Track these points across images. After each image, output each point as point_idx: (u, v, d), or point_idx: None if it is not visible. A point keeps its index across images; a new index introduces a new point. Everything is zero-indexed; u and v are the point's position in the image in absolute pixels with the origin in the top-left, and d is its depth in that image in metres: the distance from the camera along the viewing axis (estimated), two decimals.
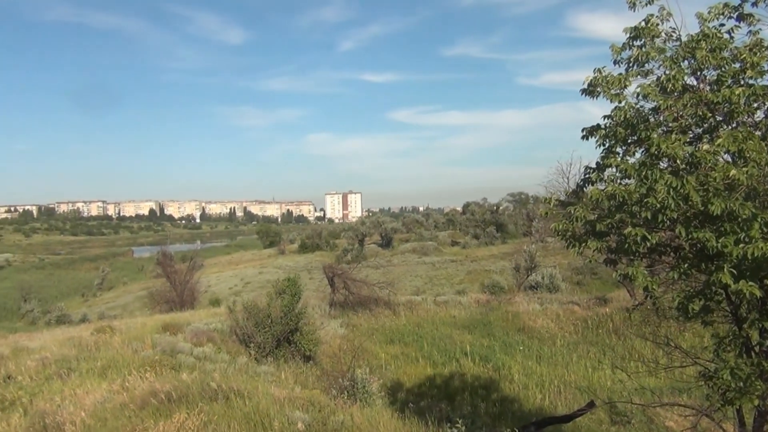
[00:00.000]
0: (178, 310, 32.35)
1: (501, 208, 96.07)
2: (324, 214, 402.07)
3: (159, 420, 7.48)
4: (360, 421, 8.45)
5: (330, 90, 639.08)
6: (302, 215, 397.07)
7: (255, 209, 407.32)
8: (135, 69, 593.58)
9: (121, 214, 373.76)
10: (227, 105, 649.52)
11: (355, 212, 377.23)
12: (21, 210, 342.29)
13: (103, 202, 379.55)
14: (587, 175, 6.86)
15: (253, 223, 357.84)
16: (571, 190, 8.10)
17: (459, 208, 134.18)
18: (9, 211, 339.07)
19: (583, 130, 6.98)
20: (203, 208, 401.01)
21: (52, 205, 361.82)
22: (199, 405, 7.88)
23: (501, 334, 22.74)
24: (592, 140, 6.81)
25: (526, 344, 21.42)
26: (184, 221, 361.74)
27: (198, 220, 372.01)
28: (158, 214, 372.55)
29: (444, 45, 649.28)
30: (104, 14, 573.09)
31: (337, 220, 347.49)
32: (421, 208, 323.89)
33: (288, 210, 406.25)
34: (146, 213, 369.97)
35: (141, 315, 37.32)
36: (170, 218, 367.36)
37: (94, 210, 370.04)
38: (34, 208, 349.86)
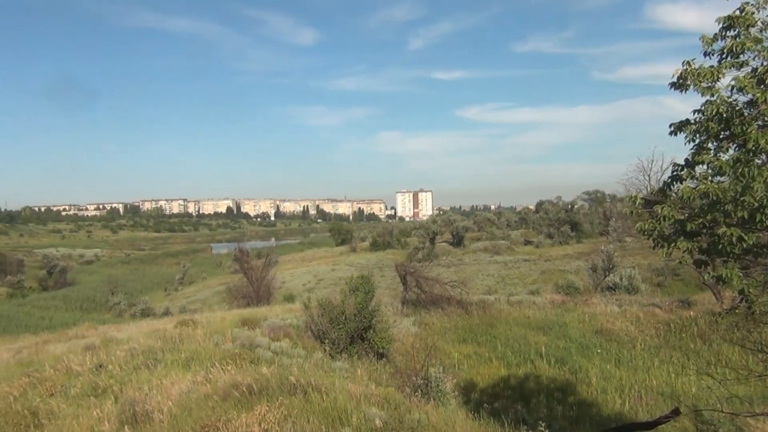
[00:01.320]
0: (255, 305, 33.08)
1: (576, 206, 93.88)
2: (395, 213, 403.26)
3: (241, 411, 7.66)
4: (436, 420, 8.42)
5: (400, 88, 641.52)
6: (373, 213, 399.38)
7: (327, 207, 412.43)
8: (212, 72, 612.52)
9: (201, 211, 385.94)
10: (299, 105, 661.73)
11: (426, 210, 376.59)
12: (109, 208, 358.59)
13: (184, 200, 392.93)
14: (675, 173, 6.57)
15: (319, 220, 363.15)
16: (652, 188, 7.80)
17: (532, 207, 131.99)
18: (98, 208, 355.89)
19: (671, 126, 6.69)
20: (278, 206, 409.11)
21: (137, 203, 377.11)
22: (279, 398, 8.03)
23: (577, 335, 22.19)
24: (680, 136, 6.53)
25: (604, 347, 20.82)
26: (259, 219, 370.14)
27: (273, 218, 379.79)
28: (235, 211, 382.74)
29: (515, 41, 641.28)
30: (184, 20, 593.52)
31: (407, 219, 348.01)
32: (492, 207, 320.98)
33: (359, 208, 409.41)
34: (224, 211, 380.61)
35: (219, 309, 38.38)
36: (246, 216, 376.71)
37: (176, 208, 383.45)
38: (120, 206, 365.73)
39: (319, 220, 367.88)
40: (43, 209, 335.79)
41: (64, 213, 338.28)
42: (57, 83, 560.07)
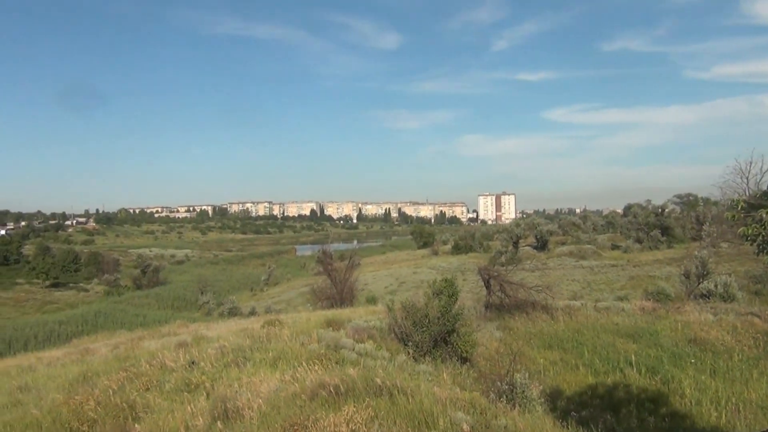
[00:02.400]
0: (338, 307, 33.49)
1: (667, 210, 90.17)
2: (477, 216, 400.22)
3: (329, 411, 7.76)
4: (523, 426, 8.27)
5: (483, 91, 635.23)
6: (455, 216, 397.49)
7: (409, 210, 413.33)
8: (296, 77, 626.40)
9: (285, 214, 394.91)
10: (381, 109, 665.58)
11: (509, 214, 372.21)
12: (198, 210, 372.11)
13: (269, 202, 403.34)
14: None
15: (399, 222, 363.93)
16: (752, 191, 7.37)
17: (619, 210, 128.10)
18: (188, 210, 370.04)
19: None
20: (360, 209, 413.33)
21: (225, 206, 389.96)
22: (366, 400, 8.09)
23: (669, 344, 21.28)
24: None
25: (698, 357, 19.89)
26: (342, 221, 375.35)
27: (355, 221, 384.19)
28: (318, 214, 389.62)
29: (602, 40, 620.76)
30: (268, 26, 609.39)
31: (490, 222, 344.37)
32: (577, 210, 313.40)
33: (441, 211, 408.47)
34: (307, 213, 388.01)
35: (304, 310, 39.13)
36: (329, 218, 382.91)
37: (261, 210, 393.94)
38: (209, 208, 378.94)
39: (400, 223, 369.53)
40: (137, 211, 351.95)
41: (156, 215, 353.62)
42: (150, 90, 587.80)
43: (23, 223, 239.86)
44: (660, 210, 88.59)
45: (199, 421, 8.16)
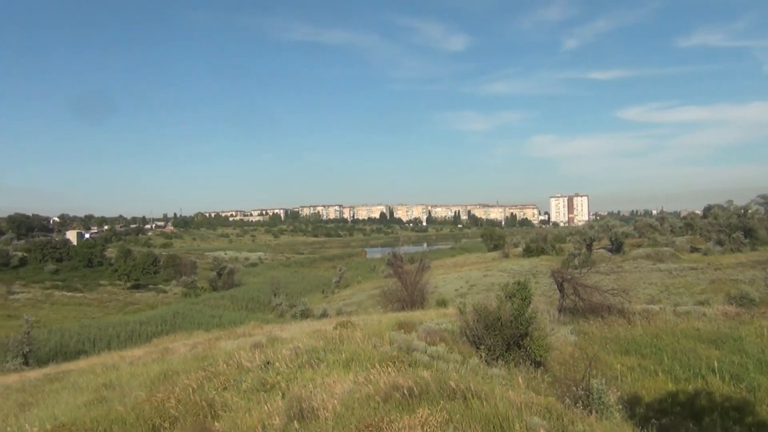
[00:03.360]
0: (409, 309, 33.50)
1: (750, 211, 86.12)
2: (548, 218, 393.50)
3: (402, 414, 7.76)
4: None
5: (553, 91, 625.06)
6: (526, 218, 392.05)
7: (478, 212, 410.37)
8: (365, 81, 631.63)
9: (355, 217, 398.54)
10: (450, 111, 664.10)
11: (582, 215, 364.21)
12: (271, 213, 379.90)
13: (340, 206, 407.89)
14: None
15: (467, 225, 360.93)
16: None
17: (698, 212, 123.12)
18: (261, 214, 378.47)
19: None
20: (429, 212, 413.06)
21: (297, 209, 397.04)
22: (441, 403, 8.05)
23: (755, 351, 20.31)
24: None
25: None
26: (411, 224, 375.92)
27: (424, 223, 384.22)
28: (388, 217, 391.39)
29: (678, 36, 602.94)
30: (338, 32, 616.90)
31: (562, 224, 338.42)
32: (654, 212, 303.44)
33: (511, 213, 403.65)
34: (377, 216, 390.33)
35: (374, 312, 39.31)
36: (399, 221, 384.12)
37: (332, 213, 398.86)
38: (281, 211, 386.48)
39: (470, 226, 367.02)
40: (212, 215, 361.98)
41: (231, 218, 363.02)
42: (225, 97, 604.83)
43: (106, 227, 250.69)
44: (743, 211, 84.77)
45: (275, 420, 8.30)
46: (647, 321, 24.15)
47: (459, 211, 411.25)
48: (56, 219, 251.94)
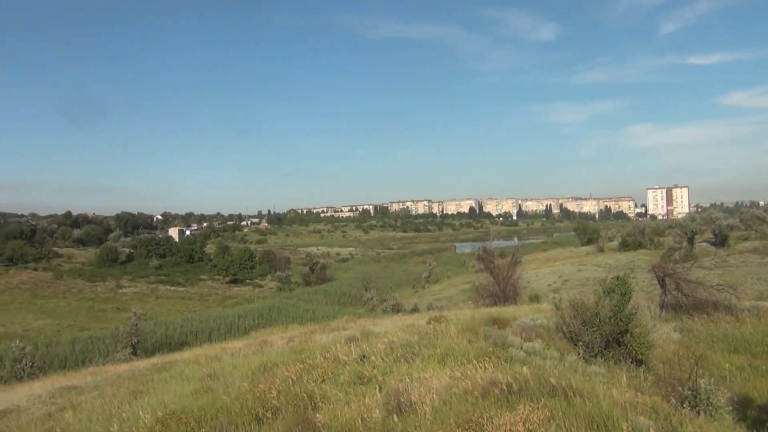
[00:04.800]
0: (501, 305, 33.10)
1: None
2: (645, 210, 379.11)
3: (501, 410, 7.68)
4: None
5: (650, 78, 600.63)
6: (621, 211, 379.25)
7: (571, 206, 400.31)
8: (451, 75, 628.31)
9: (444, 212, 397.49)
10: (540, 102, 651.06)
11: (682, 207, 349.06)
12: (361, 209, 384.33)
13: (429, 201, 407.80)
14: None
15: (550, 218, 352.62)
16: None
17: None
18: (351, 210, 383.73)
19: None
20: (519, 206, 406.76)
21: (386, 205, 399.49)
22: (542, 400, 7.91)
23: None
24: None
25: None
26: (501, 218, 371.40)
27: (514, 217, 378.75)
28: (477, 211, 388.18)
29: None
30: (425, 27, 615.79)
31: (660, 217, 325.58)
32: (761, 203, 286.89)
33: (605, 206, 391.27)
34: (466, 211, 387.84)
35: (465, 307, 39.06)
36: (488, 215, 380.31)
37: (421, 208, 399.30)
38: (371, 207, 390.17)
39: (562, 219, 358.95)
40: (304, 211, 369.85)
41: (322, 215, 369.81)
42: (316, 96, 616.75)
43: (205, 224, 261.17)
44: None
45: (375, 413, 8.39)
46: (757, 318, 22.83)
47: (550, 204, 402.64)
48: (159, 217, 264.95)
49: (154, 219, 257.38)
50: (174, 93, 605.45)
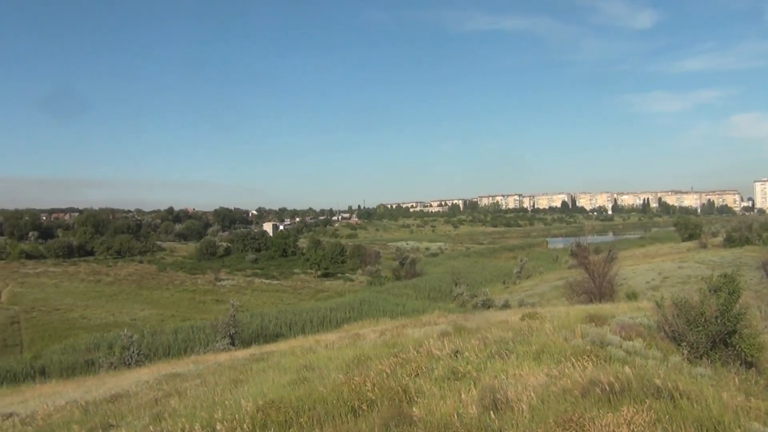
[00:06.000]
0: (597, 302, 32.18)
1: None
2: (752, 204, 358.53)
3: (603, 410, 7.45)
4: None
5: (758, 63, 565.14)
6: (725, 205, 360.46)
7: (670, 200, 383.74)
8: (540, 66, 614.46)
9: (535, 206, 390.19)
10: (636, 92, 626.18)
11: None
12: (450, 204, 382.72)
13: (519, 195, 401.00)
14: None
15: (648, 212, 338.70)
16: None
17: None
18: (440, 205, 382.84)
19: None
20: (615, 200, 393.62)
21: (475, 199, 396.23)
22: (646, 401, 7.61)
23: None
24: None
25: None
26: (595, 213, 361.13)
27: (609, 212, 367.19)
28: (570, 206, 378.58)
29: None
30: (514, 18, 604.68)
31: None
32: None
33: (708, 200, 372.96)
34: (558, 205, 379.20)
35: (558, 304, 38.22)
36: (581, 210, 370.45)
37: (511, 203, 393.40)
38: (460, 201, 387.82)
39: (661, 214, 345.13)
40: (394, 206, 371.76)
41: (411, 209, 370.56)
42: (404, 92, 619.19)
43: (297, 219, 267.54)
44: None
45: (470, 409, 8.31)
46: None
47: (648, 198, 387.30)
48: (254, 212, 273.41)
49: (250, 214, 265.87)
50: (268, 95, 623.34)
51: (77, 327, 59.51)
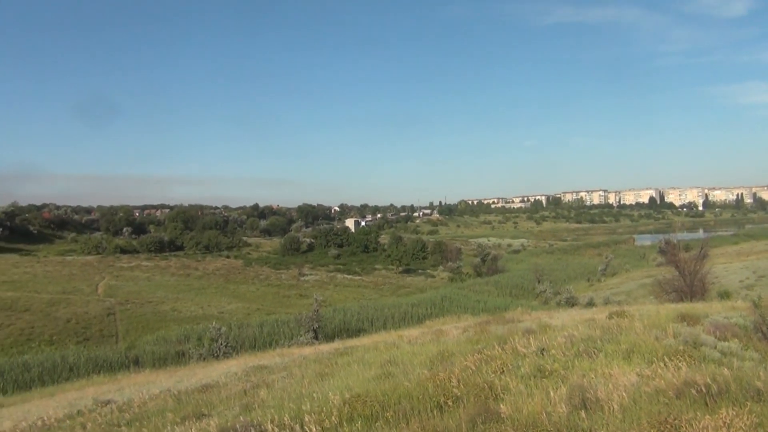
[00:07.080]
0: (687, 300, 31.02)
1: None
2: None
3: (700, 413, 7.22)
4: None
5: None
6: None
7: (766, 195, 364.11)
8: (625, 59, 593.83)
9: (621, 202, 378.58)
10: (728, 83, 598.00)
11: None
12: (532, 200, 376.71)
13: (604, 191, 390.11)
14: None
15: (741, 208, 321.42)
16: None
17: None
18: (522, 201, 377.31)
19: None
20: (706, 195, 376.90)
21: (559, 195, 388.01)
22: (747, 405, 7.32)
23: None
24: None
25: None
26: (685, 209, 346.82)
27: (700, 208, 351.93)
28: (658, 201, 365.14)
29: None
30: (599, 9, 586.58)
31: None
32: None
33: None
34: (646, 201, 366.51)
35: (646, 302, 37.01)
36: (670, 206, 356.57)
37: (596, 199, 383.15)
38: (543, 197, 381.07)
39: (756, 210, 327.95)
40: (475, 202, 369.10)
41: (492, 206, 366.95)
42: (478, 86, 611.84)
43: (379, 216, 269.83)
44: None
45: (559, 408, 8.21)
46: None
47: (742, 193, 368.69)
48: (336, 208, 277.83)
49: (332, 210, 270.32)
50: (354, 100, 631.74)
51: (168, 319, 62.02)
